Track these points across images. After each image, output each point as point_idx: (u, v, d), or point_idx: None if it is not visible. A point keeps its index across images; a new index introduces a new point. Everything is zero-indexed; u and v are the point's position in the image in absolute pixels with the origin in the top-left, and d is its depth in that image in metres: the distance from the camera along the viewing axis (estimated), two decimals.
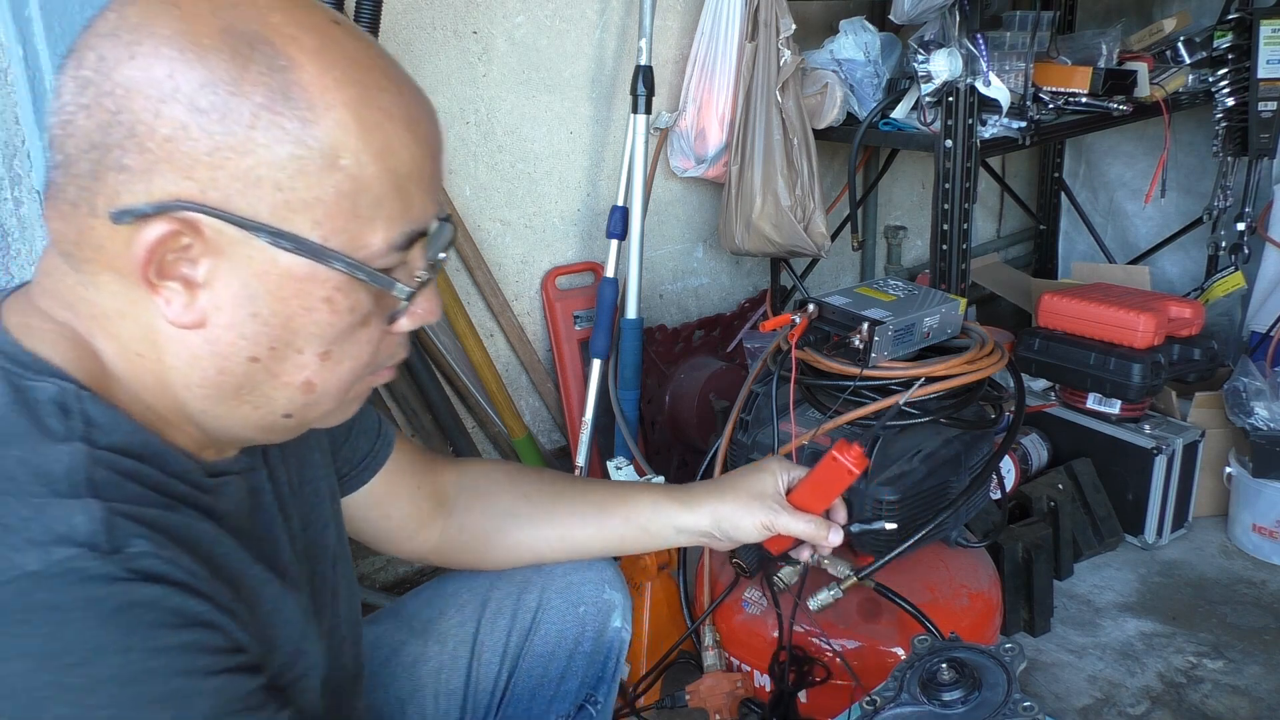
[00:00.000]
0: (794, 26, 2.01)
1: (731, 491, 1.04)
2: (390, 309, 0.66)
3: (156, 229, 0.58)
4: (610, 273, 2.08)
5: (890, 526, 1.26)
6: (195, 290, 0.60)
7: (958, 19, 1.86)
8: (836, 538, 1.04)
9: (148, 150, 0.57)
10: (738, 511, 1.03)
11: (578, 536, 1.04)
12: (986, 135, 1.99)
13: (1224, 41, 2.33)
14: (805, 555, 1.09)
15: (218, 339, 0.62)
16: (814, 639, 1.48)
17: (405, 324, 0.68)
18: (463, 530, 1.03)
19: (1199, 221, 2.64)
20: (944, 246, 2.01)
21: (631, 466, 1.77)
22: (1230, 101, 2.34)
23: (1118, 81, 2.19)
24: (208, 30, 0.57)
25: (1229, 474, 2.09)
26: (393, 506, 0.98)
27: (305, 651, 0.73)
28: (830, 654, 1.45)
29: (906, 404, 1.46)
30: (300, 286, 0.61)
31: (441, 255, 0.68)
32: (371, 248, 0.62)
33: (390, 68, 0.64)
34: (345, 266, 0.61)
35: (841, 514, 1.07)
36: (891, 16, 1.93)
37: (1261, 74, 2.26)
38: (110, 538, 0.55)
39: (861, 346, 1.45)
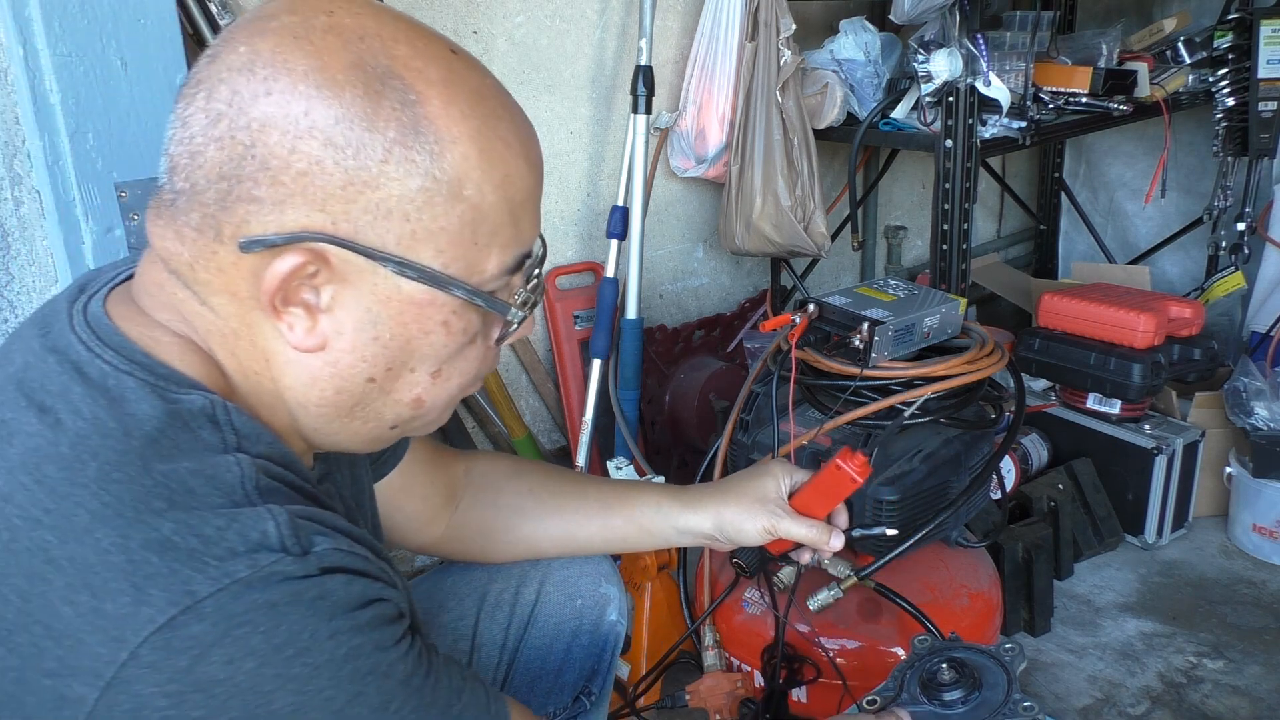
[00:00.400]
0: (794, 26, 2.01)
1: (734, 495, 1.05)
2: (496, 327, 0.69)
3: (289, 260, 0.60)
4: (610, 273, 2.08)
5: (891, 532, 1.26)
6: (317, 315, 0.62)
7: (958, 19, 1.86)
8: (838, 543, 1.04)
9: (281, 183, 0.59)
10: (740, 515, 1.03)
11: (580, 534, 1.05)
12: (986, 135, 1.99)
13: (1224, 41, 2.33)
14: (806, 558, 1.10)
15: (338, 361, 0.64)
16: (812, 640, 1.48)
17: (507, 339, 0.71)
18: (467, 524, 1.04)
19: (1199, 221, 2.64)
20: (944, 246, 2.01)
21: (631, 466, 1.77)
22: (1230, 101, 2.34)
23: (1118, 81, 2.19)
24: (340, 65, 0.59)
25: (1229, 474, 2.09)
26: (407, 500, 0.99)
27: None
28: (826, 655, 1.45)
29: (906, 404, 1.45)
30: (420, 312, 0.63)
31: (537, 271, 0.71)
32: (486, 273, 0.65)
33: (504, 95, 0.66)
34: (464, 293, 0.64)
35: (843, 519, 1.07)
36: (891, 16, 1.93)
37: (1261, 74, 2.26)
38: (298, 541, 0.58)
39: (861, 346, 1.45)
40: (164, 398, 0.61)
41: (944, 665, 0.96)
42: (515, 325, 0.69)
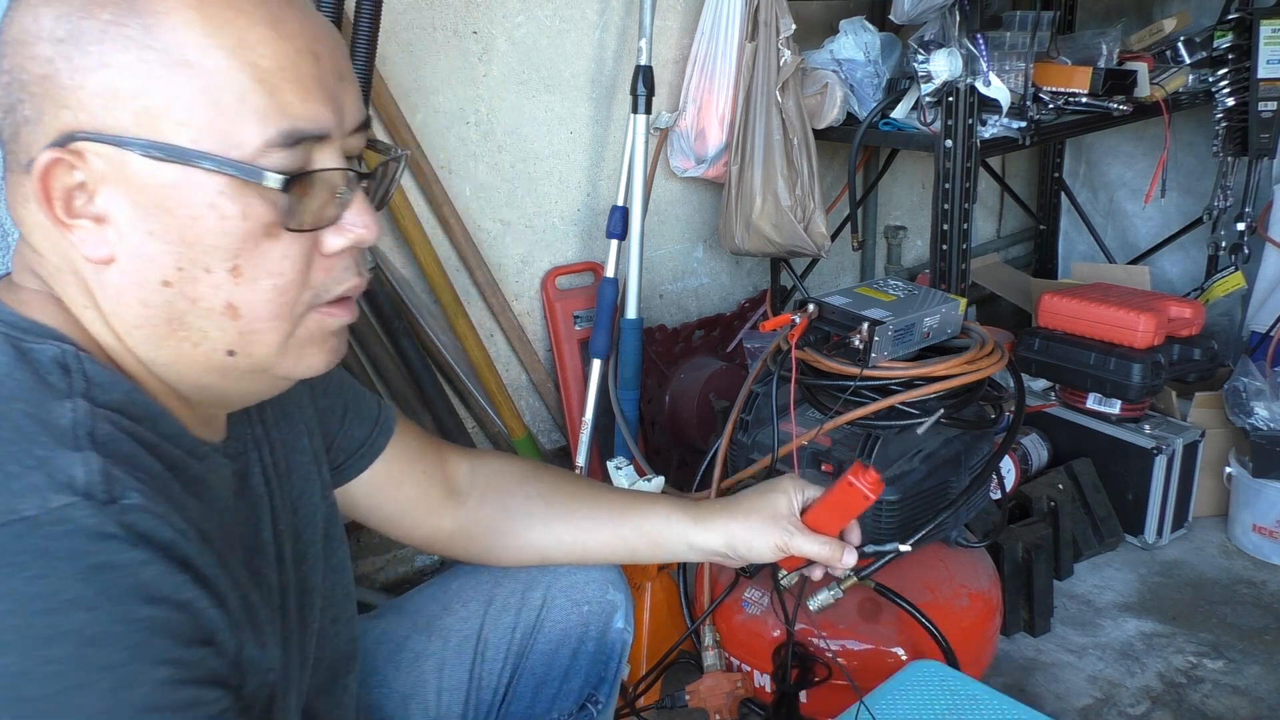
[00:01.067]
0: (794, 26, 2.01)
1: (745, 512, 1.03)
2: (298, 215, 0.65)
3: (42, 160, 0.61)
4: (610, 273, 2.08)
5: (905, 549, 1.23)
6: (103, 225, 0.63)
7: (958, 19, 1.86)
8: (851, 559, 1.03)
9: (35, 94, 0.61)
10: (752, 532, 1.02)
11: (589, 542, 1.04)
12: (986, 135, 1.99)
13: (1224, 41, 2.33)
14: (817, 575, 1.08)
15: (130, 269, 0.63)
16: (813, 640, 1.48)
17: (335, 242, 0.67)
18: (476, 524, 1.04)
19: (1199, 221, 2.64)
20: (944, 246, 2.01)
21: (631, 466, 1.77)
22: (1230, 101, 2.34)
23: (1118, 81, 2.19)
24: None
25: (1229, 474, 2.09)
26: (399, 491, 0.99)
27: (261, 652, 0.69)
28: (829, 655, 1.45)
29: (906, 404, 1.46)
30: (182, 195, 0.62)
31: (364, 172, 0.68)
32: (246, 146, 0.62)
33: None
34: (215, 165, 0.61)
35: (856, 535, 1.05)
36: (891, 16, 1.93)
37: (1261, 74, 2.26)
38: (107, 488, 0.56)
39: (861, 346, 1.45)
40: (17, 347, 0.62)
41: None
42: (281, 189, 0.62)
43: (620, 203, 2.08)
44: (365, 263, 0.72)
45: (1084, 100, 2.16)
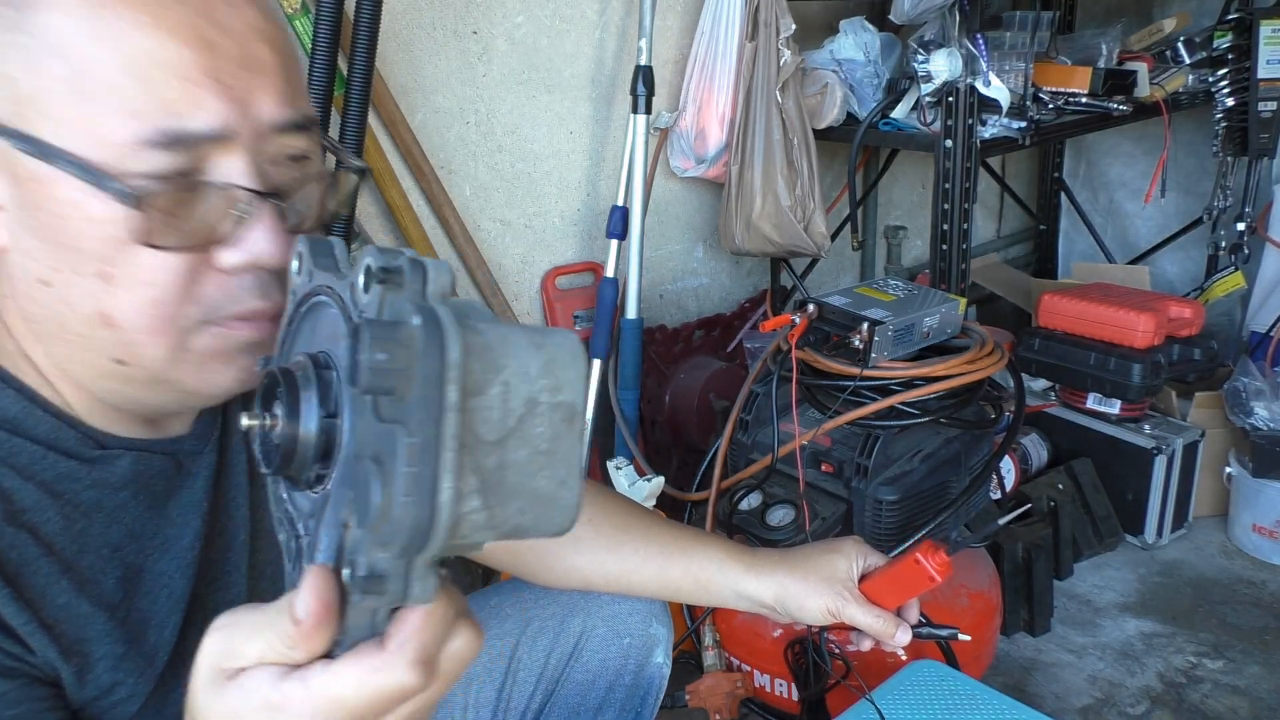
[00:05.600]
0: (794, 26, 2.01)
1: (801, 569, 0.98)
2: (167, 227, 0.59)
3: None
4: (610, 273, 2.08)
5: (965, 637, 1.10)
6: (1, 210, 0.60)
7: (958, 19, 1.86)
8: (905, 638, 0.97)
9: None
10: (805, 591, 0.96)
11: (635, 576, 1.00)
12: (986, 135, 1.99)
13: (1224, 42, 2.33)
14: (866, 645, 1.02)
15: (16, 262, 0.61)
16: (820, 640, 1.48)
17: (230, 257, 0.60)
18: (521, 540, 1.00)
19: (1199, 221, 2.64)
20: (944, 246, 2.01)
21: (631, 466, 1.77)
22: (1230, 101, 2.34)
23: (1118, 81, 2.19)
24: None
25: (1229, 474, 2.09)
26: None
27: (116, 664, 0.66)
28: (838, 654, 1.45)
29: (906, 404, 1.46)
30: (47, 191, 0.58)
31: (259, 190, 0.59)
32: (113, 144, 0.56)
33: None
34: (69, 164, 0.56)
35: (913, 613, 1.00)
36: (891, 16, 1.93)
37: (1261, 74, 2.27)
38: None
39: (861, 346, 1.45)
40: None
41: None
42: (132, 199, 0.57)
43: (620, 203, 2.08)
44: (278, 284, 0.62)
45: (1084, 100, 2.16)
